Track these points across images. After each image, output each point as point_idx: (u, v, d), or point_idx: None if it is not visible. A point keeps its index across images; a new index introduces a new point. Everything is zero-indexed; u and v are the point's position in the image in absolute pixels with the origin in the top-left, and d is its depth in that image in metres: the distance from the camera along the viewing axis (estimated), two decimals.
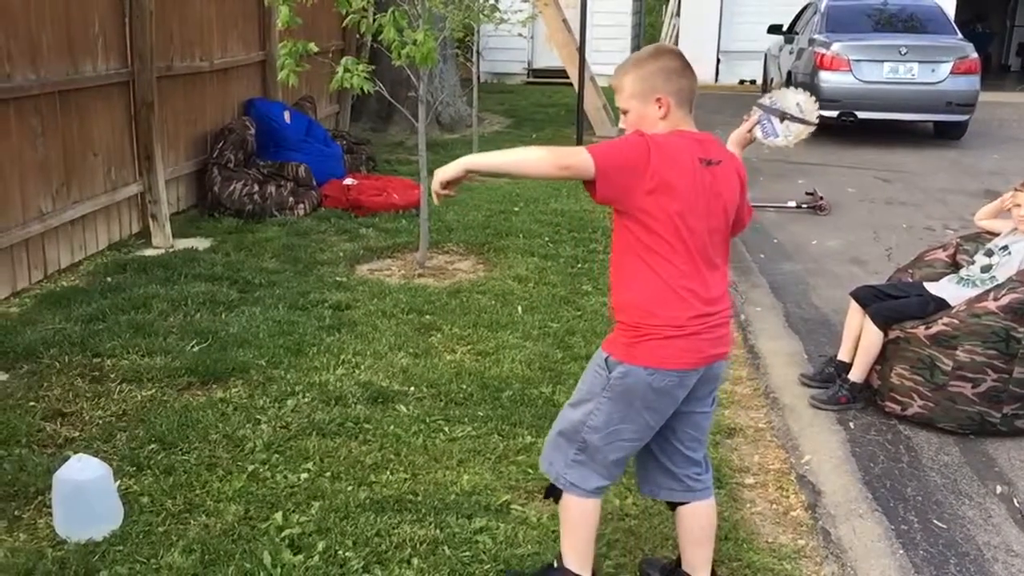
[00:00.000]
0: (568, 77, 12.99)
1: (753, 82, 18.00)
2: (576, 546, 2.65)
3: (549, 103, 15.31)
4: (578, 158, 2.30)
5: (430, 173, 6.42)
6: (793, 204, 8.12)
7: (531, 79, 18.56)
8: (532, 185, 8.76)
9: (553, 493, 2.65)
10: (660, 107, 2.44)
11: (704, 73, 18.62)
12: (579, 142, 10.51)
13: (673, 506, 2.74)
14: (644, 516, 3.20)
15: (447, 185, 2.44)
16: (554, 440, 2.62)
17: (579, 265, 6.23)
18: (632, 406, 2.47)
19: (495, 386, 4.17)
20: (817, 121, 3.01)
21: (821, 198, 8.10)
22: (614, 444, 2.52)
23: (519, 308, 5.25)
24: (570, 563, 2.66)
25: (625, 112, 2.51)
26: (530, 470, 3.47)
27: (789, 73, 12.46)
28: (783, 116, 3.01)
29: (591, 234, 7.00)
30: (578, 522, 2.62)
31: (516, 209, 7.70)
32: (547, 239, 6.83)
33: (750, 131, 2.98)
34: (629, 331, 2.44)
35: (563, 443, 2.58)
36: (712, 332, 2.46)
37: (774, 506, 3.41)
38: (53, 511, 3.05)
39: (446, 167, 2.44)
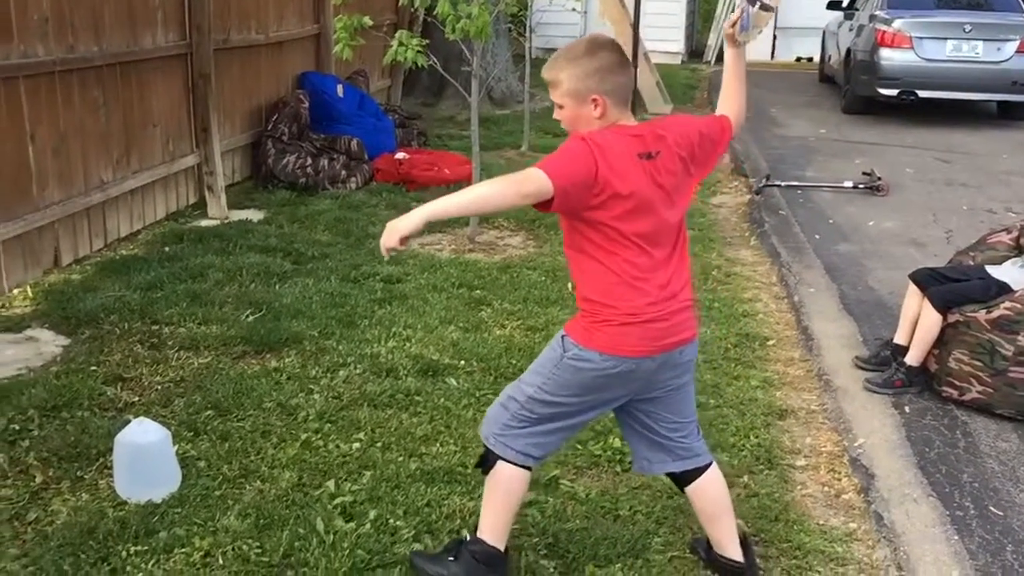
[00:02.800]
0: None
1: (810, 59, 17.65)
2: (496, 518, 2.64)
3: None
4: (536, 181, 2.23)
5: (483, 148, 6.44)
6: (850, 184, 7.97)
7: None
8: None
9: (484, 464, 2.63)
10: (596, 107, 2.40)
11: (760, 50, 18.31)
12: None
13: (681, 486, 2.73)
14: None
15: (404, 240, 2.30)
16: (496, 409, 2.62)
17: None
18: (581, 386, 2.50)
19: None
20: (775, 5, 2.71)
21: (879, 178, 7.94)
22: (556, 419, 2.55)
23: (569, 284, 5.24)
24: (485, 535, 2.64)
25: (560, 107, 2.46)
26: (579, 446, 3.48)
27: (848, 51, 12.20)
28: (759, 4, 2.70)
29: None
30: (503, 490, 2.60)
31: None
32: None
33: (732, 27, 2.72)
34: (588, 316, 2.47)
35: (503, 411, 2.58)
36: (671, 319, 2.46)
37: (826, 488, 3.38)
38: (114, 472, 3.13)
39: (403, 220, 2.28)
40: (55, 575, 2.66)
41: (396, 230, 2.28)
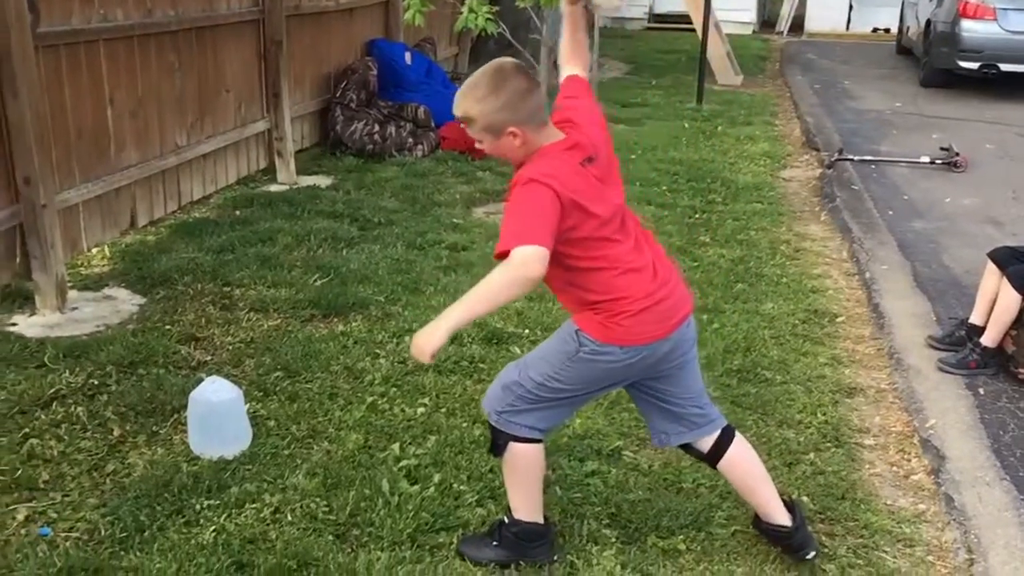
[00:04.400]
0: (691, 23, 12.63)
1: (887, 30, 17.13)
2: (525, 496, 2.65)
3: (670, 49, 14.96)
4: (537, 259, 2.17)
5: None
6: (927, 160, 7.75)
7: (652, 24, 18.16)
8: (650, 132, 8.62)
9: (495, 448, 2.63)
10: (515, 138, 2.37)
11: (835, 20, 17.86)
12: (700, 90, 10.26)
13: (713, 464, 2.72)
14: None
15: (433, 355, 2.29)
16: (497, 390, 2.61)
17: (697, 215, 6.12)
18: (595, 376, 2.51)
19: None
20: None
21: (957, 154, 7.70)
22: (562, 401, 2.57)
23: None
24: (521, 514, 2.65)
25: (479, 140, 2.44)
26: (642, 418, 3.46)
27: (928, 22, 11.81)
28: None
29: (710, 184, 6.86)
30: (525, 470, 2.61)
31: (633, 156, 7.59)
32: (664, 188, 6.72)
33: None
34: (603, 313, 2.44)
35: (508, 393, 2.57)
36: (675, 293, 2.49)
37: (894, 469, 3.32)
38: (188, 429, 3.22)
39: (430, 339, 2.25)
40: (132, 525, 2.75)
41: (425, 351, 2.27)
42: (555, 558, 2.71)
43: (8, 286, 4.37)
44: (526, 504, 2.66)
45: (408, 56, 8.27)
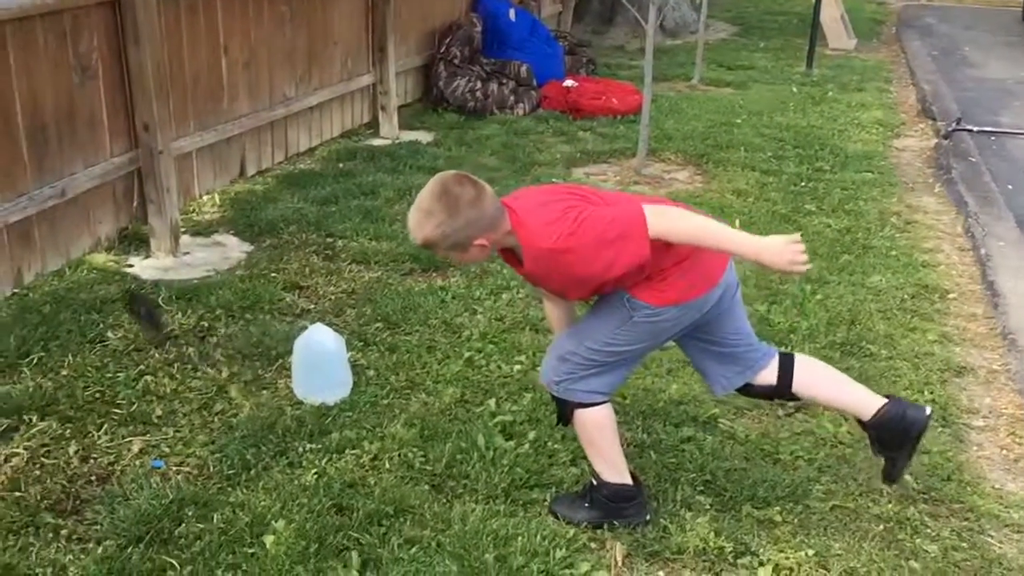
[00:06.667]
0: None
1: None
2: (606, 458, 2.65)
3: (780, 11, 14.50)
4: (650, 209, 2.35)
5: (652, 79, 6.30)
6: None
7: None
8: (756, 97, 8.41)
9: (561, 418, 2.65)
10: (484, 248, 2.40)
11: None
12: (811, 54, 9.92)
13: (789, 396, 2.74)
14: (859, 445, 3.08)
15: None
16: (556, 363, 2.60)
17: (802, 183, 5.95)
18: (653, 334, 2.55)
19: None
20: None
21: None
22: (622, 362, 2.59)
23: (736, 223, 5.09)
24: (607, 476, 2.66)
25: (446, 257, 2.47)
26: (698, 371, 3.40)
27: None
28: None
29: (818, 151, 6.66)
30: (599, 432, 2.62)
31: (738, 121, 7.42)
32: (770, 154, 6.56)
33: None
34: (653, 278, 2.44)
35: (563, 363, 2.57)
36: None
37: (1004, 452, 3.20)
38: (292, 374, 3.31)
39: (777, 245, 2.30)
40: (239, 463, 2.86)
41: (798, 254, 2.31)
42: (647, 519, 2.71)
43: (126, 229, 4.56)
44: (609, 466, 2.67)
45: (512, 13, 8.22)
